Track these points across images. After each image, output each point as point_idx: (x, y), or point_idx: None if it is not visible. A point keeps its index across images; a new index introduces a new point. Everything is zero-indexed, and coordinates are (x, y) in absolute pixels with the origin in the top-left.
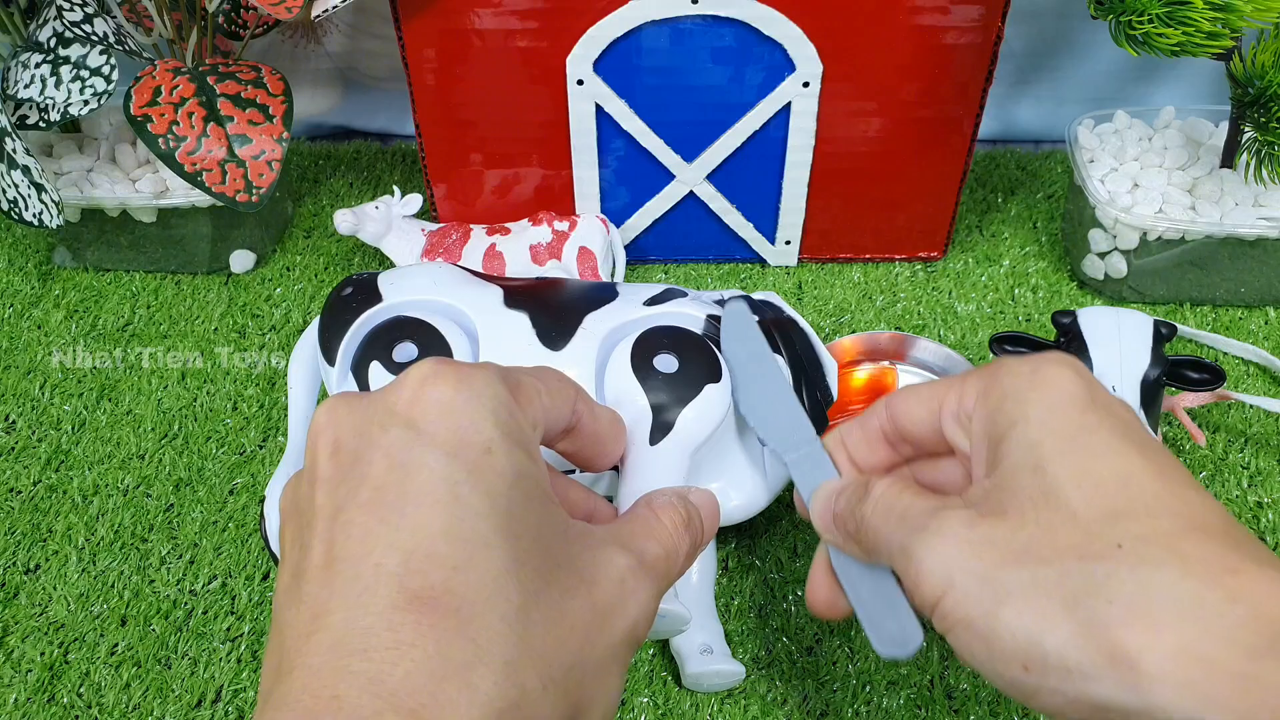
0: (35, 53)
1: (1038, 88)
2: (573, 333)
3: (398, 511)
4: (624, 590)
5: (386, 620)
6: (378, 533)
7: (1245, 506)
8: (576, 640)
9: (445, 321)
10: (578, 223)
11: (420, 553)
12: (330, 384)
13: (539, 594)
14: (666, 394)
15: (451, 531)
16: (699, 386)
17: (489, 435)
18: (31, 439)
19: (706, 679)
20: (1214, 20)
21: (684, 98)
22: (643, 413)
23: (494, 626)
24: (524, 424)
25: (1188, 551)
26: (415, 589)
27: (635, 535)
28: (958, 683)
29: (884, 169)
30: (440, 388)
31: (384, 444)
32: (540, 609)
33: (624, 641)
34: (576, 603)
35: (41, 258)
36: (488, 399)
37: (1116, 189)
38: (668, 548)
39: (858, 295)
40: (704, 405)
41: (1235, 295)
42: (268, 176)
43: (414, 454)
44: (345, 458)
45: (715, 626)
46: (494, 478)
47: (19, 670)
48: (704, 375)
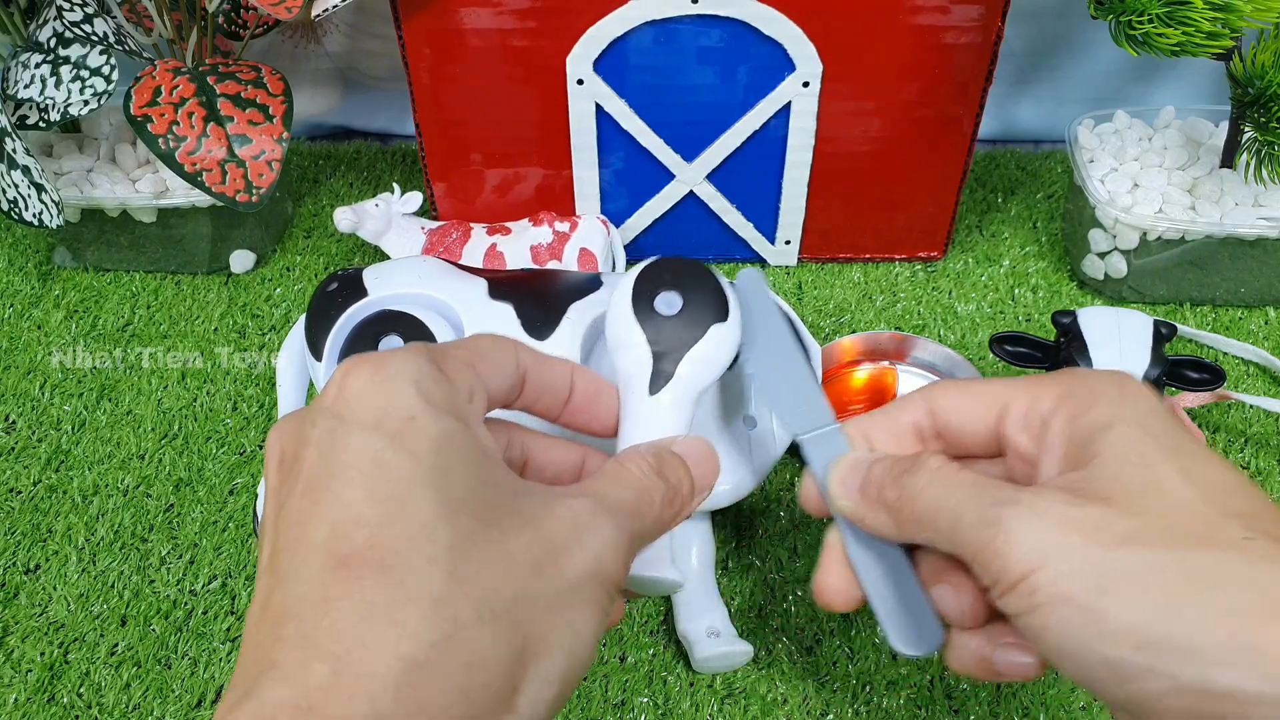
0: (35, 53)
1: (1038, 88)
2: (558, 321)
3: (325, 490)
4: (578, 527)
5: (316, 584)
6: (309, 513)
7: None
8: (521, 573)
9: (430, 314)
10: (578, 224)
11: (346, 520)
12: (318, 379)
13: (474, 534)
14: (668, 338)
15: (374, 494)
16: (704, 328)
17: (410, 404)
18: (31, 439)
19: (716, 661)
20: (1214, 20)
21: (684, 97)
22: (642, 359)
23: (420, 568)
24: (453, 392)
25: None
26: (342, 552)
27: (597, 483)
28: (958, 683)
29: (884, 169)
30: (359, 375)
31: (314, 438)
32: (477, 547)
33: (585, 578)
34: (520, 540)
35: (41, 258)
36: (407, 374)
37: (1116, 189)
38: (636, 490)
39: (858, 295)
40: (708, 348)
41: (1235, 295)
42: (268, 176)
43: (338, 438)
44: (287, 463)
45: (720, 609)
46: (418, 440)
47: (19, 670)
48: (710, 315)
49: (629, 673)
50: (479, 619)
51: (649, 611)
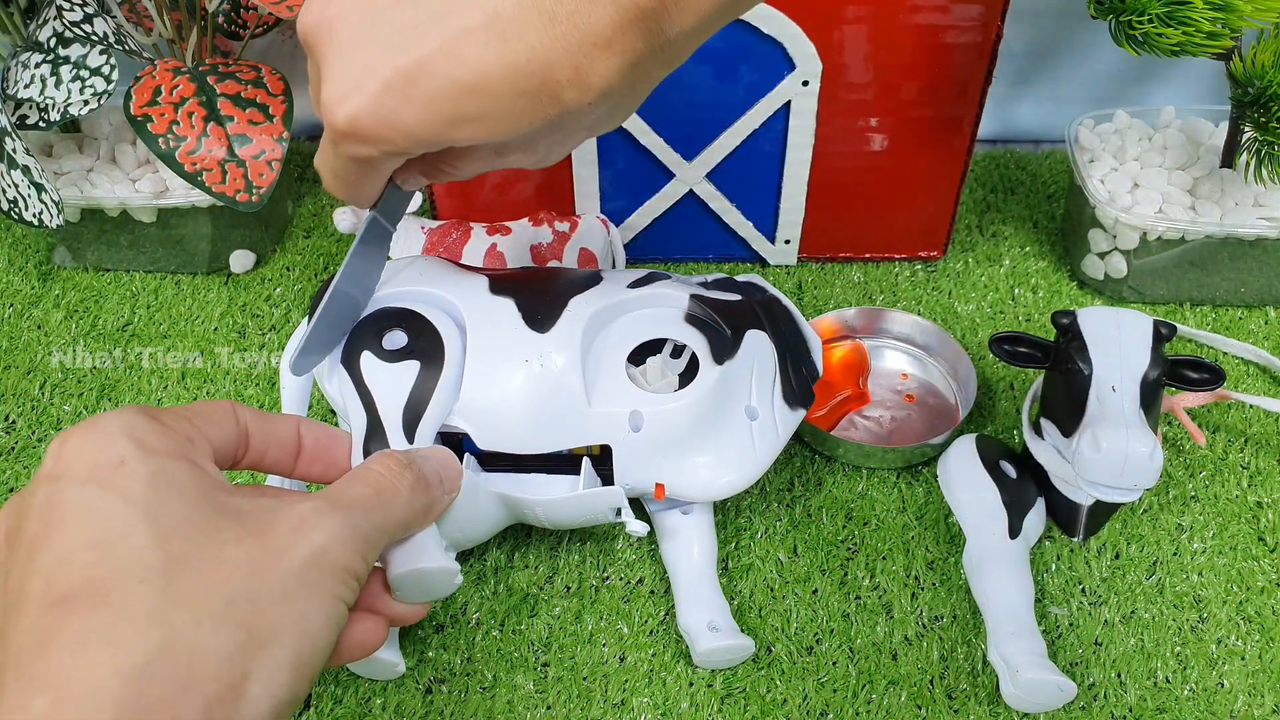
0: (35, 53)
1: (1038, 88)
2: (558, 315)
3: (43, 548)
4: (302, 525)
5: (34, 631)
6: (27, 572)
7: (1245, 506)
8: (239, 575)
9: (433, 310)
10: (578, 223)
11: (60, 566)
12: (321, 377)
13: (188, 553)
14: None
15: (87, 538)
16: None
17: (120, 451)
18: (31, 439)
19: (717, 655)
20: (1214, 20)
21: (683, 96)
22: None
23: (133, 590)
24: (167, 435)
25: None
26: (58, 595)
27: (334, 485)
28: (958, 683)
29: (884, 168)
30: (74, 436)
31: (34, 505)
32: (192, 562)
33: (309, 568)
34: (240, 548)
35: (41, 258)
36: (117, 426)
37: (1116, 189)
38: (375, 485)
39: (858, 295)
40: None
41: (1235, 295)
42: (268, 176)
43: (54, 498)
44: (11, 536)
45: (720, 603)
46: (129, 481)
47: None
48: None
49: (629, 673)
50: (195, 621)
51: (649, 611)
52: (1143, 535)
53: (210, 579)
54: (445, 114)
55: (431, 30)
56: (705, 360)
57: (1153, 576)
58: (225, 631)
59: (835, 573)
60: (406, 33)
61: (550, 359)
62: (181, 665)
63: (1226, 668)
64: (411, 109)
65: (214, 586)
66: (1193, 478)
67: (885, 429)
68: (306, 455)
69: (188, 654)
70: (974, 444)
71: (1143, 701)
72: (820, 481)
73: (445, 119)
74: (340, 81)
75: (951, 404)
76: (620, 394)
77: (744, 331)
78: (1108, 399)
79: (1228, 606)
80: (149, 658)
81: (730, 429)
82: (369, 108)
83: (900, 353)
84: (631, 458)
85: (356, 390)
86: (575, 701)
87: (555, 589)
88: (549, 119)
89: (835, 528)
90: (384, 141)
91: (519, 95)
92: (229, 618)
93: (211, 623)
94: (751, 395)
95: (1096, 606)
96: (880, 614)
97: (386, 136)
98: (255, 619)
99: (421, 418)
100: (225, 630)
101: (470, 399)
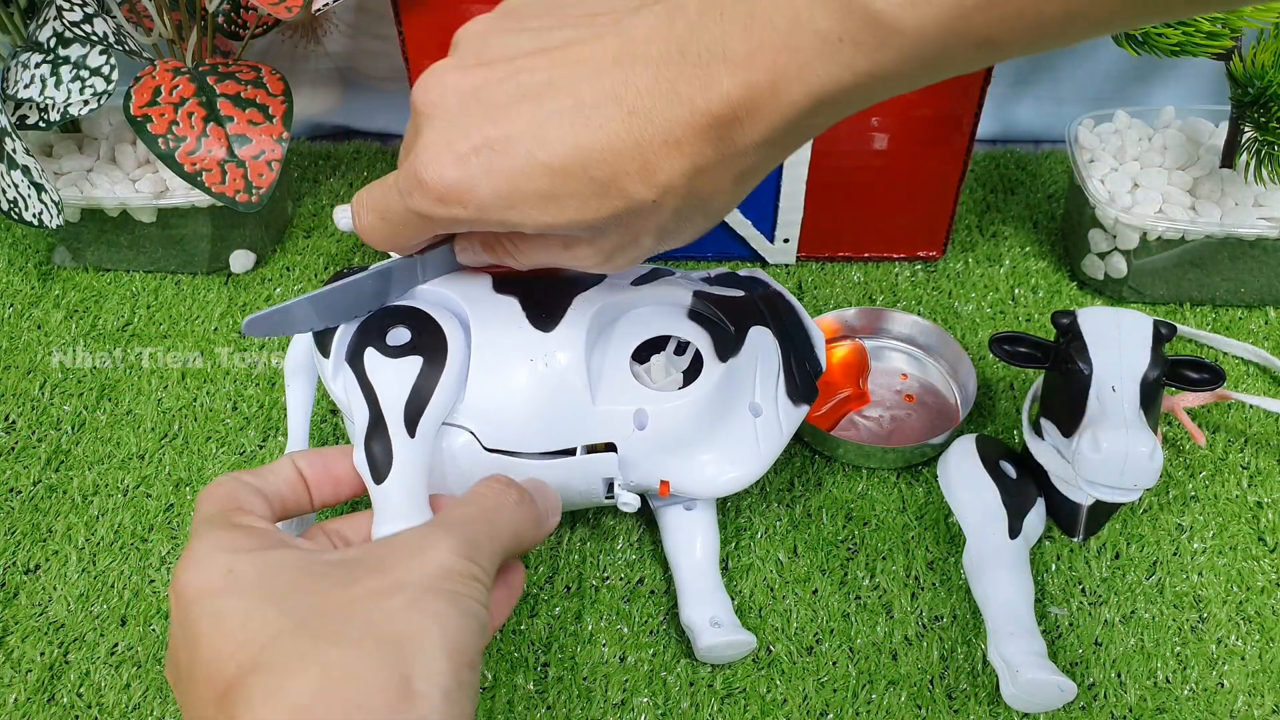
0: (35, 53)
1: (1038, 88)
2: (562, 313)
3: (196, 662)
4: (413, 548)
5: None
6: (191, 697)
7: (1245, 506)
8: (367, 603)
9: (436, 308)
10: None
11: (216, 671)
12: (325, 376)
13: (317, 605)
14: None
15: (227, 636)
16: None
17: (223, 564)
18: (31, 439)
19: (719, 650)
20: (1214, 20)
21: None
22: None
23: (279, 650)
24: (253, 536)
25: None
26: (221, 691)
27: (445, 511)
28: (958, 682)
29: (883, 168)
30: (180, 574)
31: (174, 639)
32: (322, 609)
33: (434, 579)
34: (361, 585)
35: (41, 258)
36: (209, 547)
37: (1116, 189)
38: (482, 503)
39: (858, 295)
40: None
41: (1235, 295)
42: (268, 176)
43: (187, 621)
44: (173, 672)
45: (723, 599)
46: (241, 582)
47: (19, 670)
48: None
49: (629, 673)
50: (343, 651)
51: (649, 611)
52: (1143, 535)
53: (344, 615)
54: (519, 189)
55: (524, 109)
56: (709, 357)
57: (1153, 576)
58: (372, 647)
59: (835, 573)
60: (504, 109)
61: (554, 357)
62: (347, 690)
63: (1226, 668)
64: (490, 180)
65: (350, 619)
66: (1193, 478)
67: (885, 429)
68: (314, 485)
69: (347, 679)
70: (974, 444)
71: (1143, 701)
72: (820, 481)
73: (518, 194)
74: (437, 140)
75: (951, 404)
76: (625, 392)
77: (748, 328)
78: (1108, 399)
79: (1228, 606)
80: (314, 692)
81: (734, 425)
82: (455, 166)
83: (900, 353)
84: (636, 455)
85: (360, 387)
86: (575, 701)
87: (555, 589)
88: (615, 211)
89: (835, 528)
90: (456, 204)
91: (589, 182)
92: (372, 636)
93: (359, 647)
94: (755, 391)
95: (1096, 606)
96: (880, 614)
97: (460, 200)
98: (395, 629)
99: (423, 413)
100: (371, 646)
101: (474, 398)
